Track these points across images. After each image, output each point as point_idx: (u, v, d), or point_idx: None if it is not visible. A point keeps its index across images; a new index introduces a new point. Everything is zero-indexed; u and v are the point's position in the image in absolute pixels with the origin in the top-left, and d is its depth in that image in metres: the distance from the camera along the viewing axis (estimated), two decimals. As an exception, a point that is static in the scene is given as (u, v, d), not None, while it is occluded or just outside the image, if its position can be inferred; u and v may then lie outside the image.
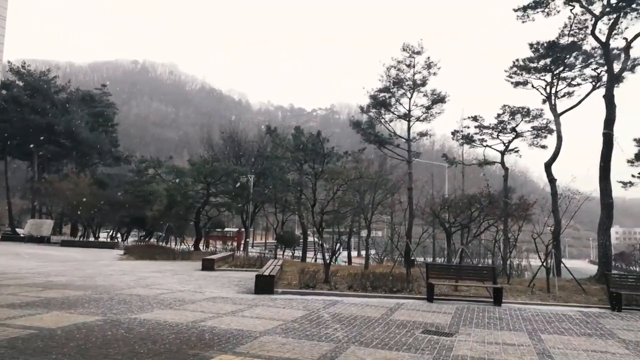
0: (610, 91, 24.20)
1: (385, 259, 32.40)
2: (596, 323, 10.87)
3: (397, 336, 8.36)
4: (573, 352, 7.76)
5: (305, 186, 30.74)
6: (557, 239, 24.91)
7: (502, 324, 10.19)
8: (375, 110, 31.16)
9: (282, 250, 36.32)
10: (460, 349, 7.55)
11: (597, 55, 27.27)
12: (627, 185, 31.74)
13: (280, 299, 12.60)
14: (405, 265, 20.61)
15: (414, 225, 31.33)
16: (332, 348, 7.26)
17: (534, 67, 29.12)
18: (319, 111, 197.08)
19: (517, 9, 26.95)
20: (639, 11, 24.24)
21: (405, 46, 29.48)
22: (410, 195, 30.22)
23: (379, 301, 12.90)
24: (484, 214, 23.57)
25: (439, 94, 29.70)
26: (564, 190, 26.02)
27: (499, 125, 32.12)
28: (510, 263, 25.06)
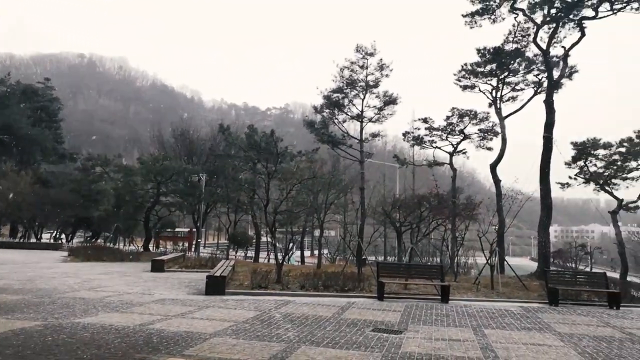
0: (550, 97, 25.44)
1: (337, 259, 32.70)
2: (535, 317, 11.41)
3: (348, 335, 8.47)
4: (514, 345, 8.12)
5: (259, 186, 30.54)
6: (501, 237, 25.94)
7: (448, 320, 10.52)
8: (329, 111, 31.38)
9: (235, 250, 35.91)
10: (408, 346, 7.74)
11: (538, 62, 28.56)
12: (565, 186, 33.40)
13: (231, 299, 12.49)
14: (357, 265, 20.87)
15: (366, 224, 31.76)
16: (283, 348, 7.28)
17: (481, 71, 30.16)
18: (273, 110, 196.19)
19: (465, 15, 27.85)
20: (575, 22, 25.61)
21: (358, 47, 29.86)
22: (362, 195, 30.62)
23: (331, 300, 13.02)
24: (433, 214, 24.24)
25: (390, 96, 30.26)
26: (508, 191, 27.16)
27: (448, 127, 33.07)
28: (457, 261, 25.85)
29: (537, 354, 7.51)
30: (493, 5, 26.96)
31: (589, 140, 31.78)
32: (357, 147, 31.01)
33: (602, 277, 15.35)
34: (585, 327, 10.44)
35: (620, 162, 31.59)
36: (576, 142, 32.11)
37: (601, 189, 32.43)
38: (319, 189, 23.85)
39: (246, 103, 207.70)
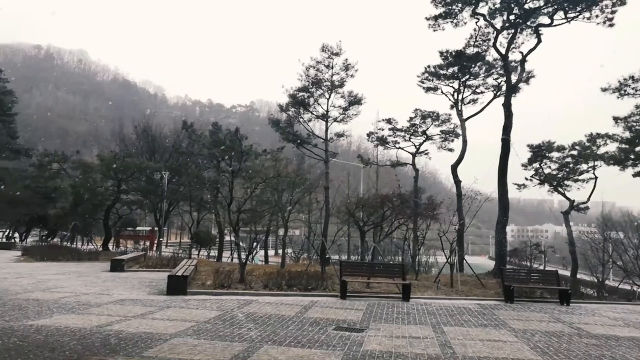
0: (508, 100, 26.27)
1: (301, 258, 32.74)
2: (491, 314, 11.79)
3: (310, 334, 8.54)
4: (470, 342, 8.38)
5: (222, 184, 30.22)
6: (461, 236, 26.58)
7: (409, 318, 10.74)
8: (294, 110, 31.35)
9: (198, 250, 35.43)
10: (369, 344, 7.87)
11: (498, 66, 29.42)
12: (521, 187, 34.52)
13: (193, 299, 12.37)
14: (321, 264, 20.99)
15: (330, 223, 31.93)
16: (245, 348, 7.28)
17: (443, 74, 30.81)
18: (238, 108, 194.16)
19: (429, 18, 28.38)
20: (532, 28, 26.54)
21: (324, 47, 29.94)
22: (326, 194, 30.78)
23: (294, 299, 13.07)
24: (395, 213, 24.64)
25: (355, 96, 30.48)
26: (468, 191, 27.88)
27: (411, 128, 33.64)
28: (418, 260, 26.34)
29: (492, 350, 7.78)
30: (455, 10, 27.58)
31: (544, 143, 32.96)
32: (322, 146, 31.12)
33: (554, 275, 15.99)
34: (538, 323, 10.87)
35: (572, 164, 32.91)
36: (532, 145, 33.24)
37: (555, 190, 33.69)
38: (283, 188, 23.82)
39: (211, 100, 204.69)
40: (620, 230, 39.30)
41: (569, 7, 25.45)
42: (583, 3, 25.05)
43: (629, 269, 35.15)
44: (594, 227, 44.13)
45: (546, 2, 25.70)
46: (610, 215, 43.17)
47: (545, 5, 25.85)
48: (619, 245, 37.26)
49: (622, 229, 39.25)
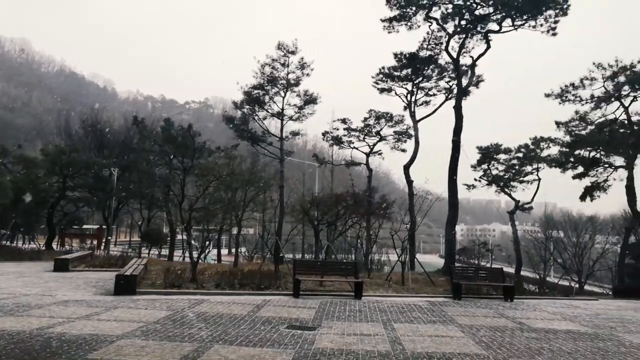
0: (458, 103, 27.12)
1: (255, 257, 32.53)
2: (440, 311, 12.13)
3: (262, 332, 8.51)
4: (419, 338, 8.59)
5: (174, 182, 29.55)
6: (412, 235, 27.19)
7: (361, 316, 10.88)
8: (249, 107, 31.12)
9: (148, 249, 34.50)
10: (321, 342, 7.93)
11: (449, 69, 30.27)
12: (471, 187, 35.73)
13: (142, 299, 12.05)
14: (274, 262, 20.94)
15: (285, 222, 31.88)
16: (195, 348, 7.18)
17: (397, 75, 31.39)
18: (192, 104, 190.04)
19: (384, 20, 28.85)
20: (482, 34, 27.51)
21: (280, 45, 29.88)
22: (281, 193, 30.73)
23: (247, 298, 12.97)
24: (349, 212, 24.90)
25: (311, 95, 30.61)
26: (419, 191, 28.55)
27: (365, 128, 34.09)
28: (371, 258, 26.72)
29: (440, 345, 8.01)
30: (410, 13, 28.16)
31: (492, 146, 34.22)
32: (278, 144, 31.05)
33: (499, 272, 16.63)
34: (484, 318, 11.27)
35: (518, 166, 34.34)
36: (481, 147, 34.44)
37: (501, 190, 35.03)
38: (237, 186, 23.57)
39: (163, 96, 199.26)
40: (561, 230, 41.40)
41: (516, 15, 26.54)
42: (529, 12, 26.18)
43: (568, 266, 37.09)
44: (537, 226, 46.24)
45: (495, 10, 26.68)
46: (552, 215, 45.35)
47: (494, 13, 26.84)
48: (560, 244, 39.23)
49: (563, 228, 41.34)
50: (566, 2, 25.72)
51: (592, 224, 40.10)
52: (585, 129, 31.91)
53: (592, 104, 31.27)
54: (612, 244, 38.53)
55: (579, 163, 31.63)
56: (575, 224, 39.91)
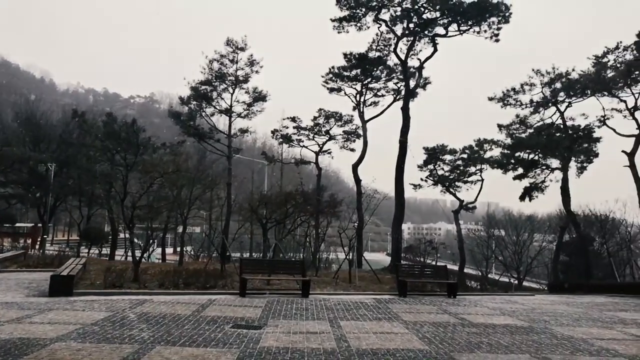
0: (406, 104, 27.72)
1: (201, 256, 31.91)
2: (386, 308, 12.31)
3: (207, 332, 8.33)
4: (365, 335, 8.67)
5: (116, 178, 28.45)
6: (360, 233, 27.55)
7: (307, 314, 10.86)
8: (197, 103, 30.47)
9: (88, 248, 33.09)
10: (267, 341, 7.84)
11: (398, 71, 30.86)
12: (417, 187, 36.65)
13: (80, 300, 11.50)
14: (221, 261, 20.63)
15: (232, 220, 31.46)
16: (136, 350, 6.91)
17: (346, 75, 31.66)
18: (137, 99, 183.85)
19: (334, 20, 29.02)
20: (430, 37, 28.23)
21: (229, 41, 29.42)
22: (229, 190, 30.29)
23: (191, 298, 12.67)
24: (298, 211, 24.87)
25: (260, 92, 30.30)
26: (367, 190, 28.94)
27: (315, 127, 34.18)
28: (319, 256, 26.83)
29: (385, 342, 8.11)
30: (359, 14, 28.48)
31: (438, 147, 35.21)
32: (226, 141, 30.55)
33: (443, 270, 17.09)
34: (427, 314, 11.54)
35: (463, 167, 35.51)
36: (427, 148, 35.36)
37: (447, 190, 36.11)
38: (183, 184, 23.00)
39: (106, 89, 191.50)
40: (502, 228, 43.23)
41: (461, 20, 27.42)
42: (473, 18, 27.12)
43: (508, 263, 38.80)
44: (480, 225, 48.07)
45: (442, 14, 27.45)
46: (494, 215, 47.30)
47: (441, 17, 27.61)
48: (501, 242, 40.98)
49: (504, 227, 43.21)
50: (508, 11, 26.82)
51: (530, 223, 42.18)
52: (525, 132, 33.48)
53: (532, 108, 32.89)
54: (548, 242, 40.65)
55: (519, 164, 33.10)
56: (516, 223, 41.86)
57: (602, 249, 31.59)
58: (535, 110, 32.89)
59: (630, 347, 8.42)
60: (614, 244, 31.91)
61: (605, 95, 29.93)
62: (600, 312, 13.41)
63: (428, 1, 27.00)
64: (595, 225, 32.26)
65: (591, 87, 29.92)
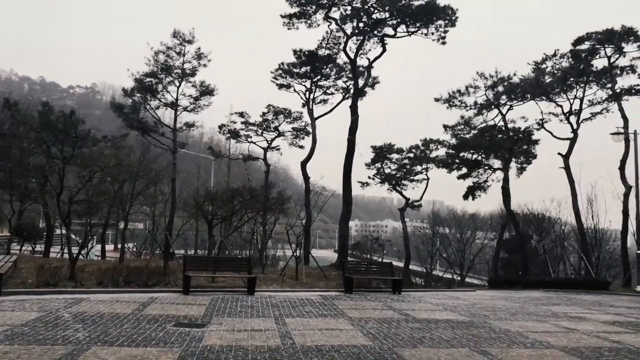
0: (355, 102, 27.96)
1: (144, 253, 30.92)
2: (332, 305, 12.35)
3: (147, 331, 8.06)
4: (310, 332, 8.65)
5: (52, 172, 26.97)
6: (308, 230, 27.56)
7: (252, 311, 10.73)
8: (141, 95, 29.37)
9: (20, 244, 31.24)
10: (210, 339, 7.67)
11: (347, 69, 31.04)
12: (365, 185, 37.11)
13: (8, 300, 10.83)
14: (164, 258, 20.06)
15: (177, 217, 30.68)
16: (69, 351, 6.57)
17: (296, 72, 31.53)
18: (77, 89, 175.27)
19: (284, 16, 28.82)
20: (378, 38, 28.61)
21: (175, 33, 28.57)
22: (173, 186, 29.49)
23: (132, 296, 12.24)
24: (245, 207, 24.55)
25: (207, 86, 29.60)
26: (316, 187, 29.00)
27: (264, 123, 33.85)
28: (266, 254, 26.64)
29: (330, 338, 8.12)
30: (310, 11, 28.41)
31: (385, 145, 35.82)
32: (171, 135, 29.70)
33: (389, 266, 17.40)
34: (372, 311, 11.68)
35: (409, 166, 36.30)
36: (375, 146, 35.88)
37: (393, 188, 36.79)
38: (125, 178, 22.16)
39: (43, 78, 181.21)
40: (447, 226, 44.59)
41: (409, 22, 27.94)
42: (421, 20, 27.69)
43: (452, 260, 40.06)
44: (426, 223, 49.35)
45: (391, 15, 27.85)
46: (439, 213, 48.70)
47: (390, 18, 28.01)
48: (445, 239, 42.24)
49: (448, 225, 44.59)
50: (454, 14, 27.55)
51: (473, 221, 43.79)
52: (469, 133, 34.61)
53: (476, 110, 34.03)
54: (489, 240, 42.33)
55: (463, 164, 34.16)
56: (459, 221, 43.32)
57: (539, 246, 33.20)
58: (479, 112, 34.05)
59: (561, 339, 8.85)
60: (549, 241, 33.61)
61: (543, 99, 31.40)
62: (536, 306, 14.04)
63: (377, 1, 27.32)
64: (532, 224, 33.84)
65: (531, 92, 31.29)
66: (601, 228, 30.20)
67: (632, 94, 28.93)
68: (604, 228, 30.61)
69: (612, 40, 28.47)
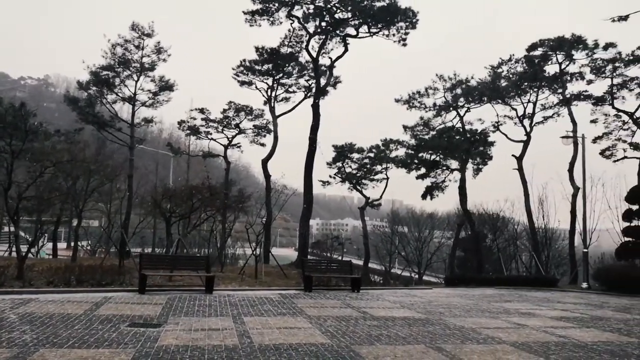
0: (316, 101, 28.05)
1: (98, 251, 30.02)
2: (291, 303, 12.34)
3: (100, 332, 7.82)
4: (268, 330, 8.61)
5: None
6: (268, 229, 27.45)
7: (210, 310, 10.59)
8: (97, 89, 28.54)
9: (-36, 242, 29.80)
10: (166, 339, 7.52)
11: (309, 68, 31.11)
12: (326, 183, 37.32)
13: (-50, 301, 10.30)
14: (119, 257, 19.55)
15: (134, 214, 29.97)
16: (15, 354, 6.29)
17: (258, 69, 31.36)
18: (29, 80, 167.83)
19: (246, 12, 28.59)
20: (341, 37, 28.80)
21: (134, 26, 27.89)
22: (130, 183, 28.79)
23: (84, 296, 11.85)
24: (204, 205, 24.19)
25: (167, 81, 29.06)
26: (277, 185, 28.91)
27: (224, 120, 33.48)
28: (225, 252, 26.37)
29: (288, 337, 8.11)
30: (272, 8, 28.32)
31: (346, 145, 36.11)
32: (128, 131, 28.96)
33: (348, 264, 17.54)
34: (331, 309, 11.74)
35: (370, 165, 36.72)
36: (336, 146, 36.12)
37: (354, 187, 37.14)
38: (79, 174, 21.46)
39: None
40: (405, 225, 45.36)
41: (371, 23, 28.27)
42: (383, 22, 28.07)
43: (410, 258, 40.79)
44: (385, 221, 50.04)
45: (353, 15, 28.09)
46: (398, 212, 49.49)
47: (352, 18, 28.26)
48: (404, 238, 42.96)
49: (407, 224, 45.37)
50: (415, 17, 28.06)
51: (431, 220, 44.73)
52: (428, 134, 35.31)
53: (434, 111, 34.75)
54: (447, 239, 43.33)
55: (421, 164, 34.83)
56: (418, 220, 44.17)
57: (493, 245, 34.24)
58: (438, 113, 34.80)
59: (512, 334, 9.15)
60: (503, 240, 34.71)
61: (499, 102, 32.40)
62: (489, 303, 14.47)
63: (340, 1, 27.51)
64: (487, 223, 34.86)
65: (487, 95, 32.23)
66: (551, 227, 31.42)
67: (581, 99, 30.30)
68: (554, 227, 31.86)
69: (563, 47, 29.67)
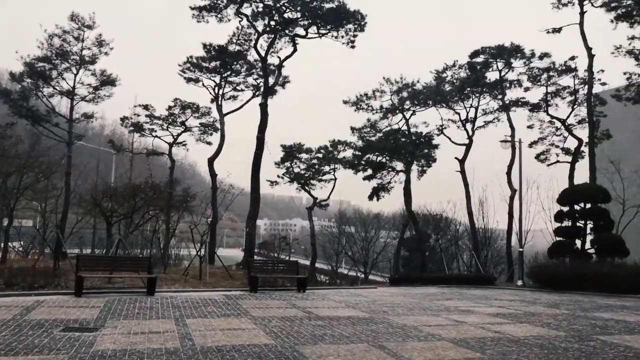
0: (264, 101, 27.88)
1: (32, 252, 28.47)
2: (235, 304, 12.20)
3: (30, 338, 7.41)
4: (211, 332, 8.46)
5: None
6: (214, 229, 27.01)
7: (151, 313, 10.29)
8: (32, 81, 27.05)
9: None
10: (102, 344, 7.23)
11: (258, 67, 30.88)
12: (274, 183, 37.22)
13: None
14: (54, 258, 18.63)
15: (72, 213, 28.70)
16: None
17: (205, 66, 30.80)
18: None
19: (193, 8, 28.01)
20: (290, 37, 28.77)
21: (73, 16, 26.64)
22: (67, 180, 27.50)
23: (14, 300, 11.21)
24: (148, 205, 23.51)
25: (109, 76, 27.94)
26: (223, 185, 28.51)
27: (170, 117, 32.66)
28: (169, 253, 25.73)
29: (231, 338, 8.00)
30: (220, 5, 27.91)
31: (295, 145, 36.16)
32: (66, 126, 27.66)
33: (295, 265, 17.54)
34: (276, 309, 11.69)
35: (318, 165, 36.94)
36: (285, 145, 36.07)
37: (302, 188, 37.25)
38: (10, 171, 20.31)
39: None
40: (352, 225, 45.94)
41: (320, 24, 28.43)
42: (332, 23, 28.28)
43: (357, 258, 41.35)
44: (333, 222, 50.47)
45: (302, 16, 28.13)
46: (346, 212, 50.06)
47: (302, 18, 28.30)
48: (351, 238, 43.50)
49: (354, 224, 45.97)
50: (363, 20, 28.44)
51: (377, 220, 45.58)
52: (375, 135, 35.93)
53: (381, 114, 35.41)
54: (392, 239, 44.27)
55: (368, 166, 35.40)
56: (364, 220, 44.89)
57: (436, 245, 35.29)
58: (385, 115, 35.47)
59: (451, 331, 9.44)
60: (446, 240, 35.86)
61: (443, 106, 33.45)
62: (431, 301, 14.87)
63: (289, 1, 27.46)
64: (431, 224, 35.91)
65: (432, 99, 33.19)
66: (490, 228, 32.79)
67: (519, 105, 31.85)
68: (493, 228, 33.27)
69: (502, 55, 31.02)
